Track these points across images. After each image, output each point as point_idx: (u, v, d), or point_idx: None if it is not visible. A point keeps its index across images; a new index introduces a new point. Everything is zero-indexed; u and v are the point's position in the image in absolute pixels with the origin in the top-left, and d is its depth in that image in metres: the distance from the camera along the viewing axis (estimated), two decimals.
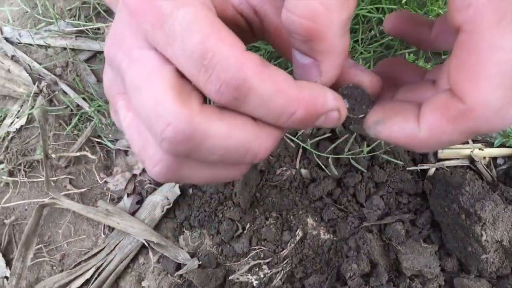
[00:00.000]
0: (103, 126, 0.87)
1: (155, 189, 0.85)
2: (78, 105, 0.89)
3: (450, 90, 0.28)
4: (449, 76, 0.28)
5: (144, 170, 0.88)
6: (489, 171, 0.77)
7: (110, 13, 0.94)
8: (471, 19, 0.25)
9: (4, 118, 0.90)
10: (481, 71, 0.25)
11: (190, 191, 0.85)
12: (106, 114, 0.88)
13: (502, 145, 0.78)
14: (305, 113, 0.28)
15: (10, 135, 0.89)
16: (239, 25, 0.34)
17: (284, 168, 0.84)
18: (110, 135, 0.88)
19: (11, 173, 0.87)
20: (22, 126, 0.89)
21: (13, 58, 0.92)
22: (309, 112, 0.28)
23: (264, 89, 0.27)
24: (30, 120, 0.90)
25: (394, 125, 0.31)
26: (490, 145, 0.79)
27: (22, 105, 0.90)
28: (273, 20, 0.33)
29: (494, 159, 0.79)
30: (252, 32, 0.35)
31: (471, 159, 0.78)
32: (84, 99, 0.89)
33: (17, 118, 0.88)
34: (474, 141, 0.80)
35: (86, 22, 0.93)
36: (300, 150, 0.84)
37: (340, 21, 0.28)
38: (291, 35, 0.29)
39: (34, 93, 0.88)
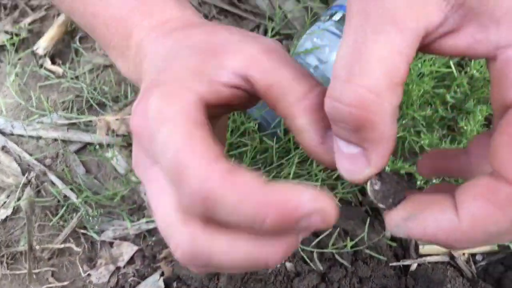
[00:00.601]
0: (90, 218, 0.88)
1: (139, 282, 0.85)
2: (65, 196, 0.90)
3: (492, 174, 0.26)
4: (493, 158, 0.26)
5: (128, 262, 0.87)
6: (469, 267, 0.79)
7: (102, 106, 0.98)
8: None
9: None
10: None
11: (175, 284, 0.84)
12: (93, 205, 0.89)
13: None
14: (276, 219, 0.25)
15: None
16: (239, 96, 0.34)
17: None
18: (96, 226, 0.88)
19: None
20: (7, 216, 0.89)
21: (3, 148, 0.94)
22: (281, 217, 0.26)
23: (229, 199, 0.26)
24: (16, 211, 0.90)
25: (428, 219, 0.27)
26: None
27: (9, 196, 0.90)
28: (260, 82, 0.33)
29: (473, 255, 0.81)
30: (254, 95, 0.35)
31: (451, 255, 0.80)
32: (72, 189, 0.90)
33: (4, 208, 0.88)
34: None
35: (79, 114, 0.96)
36: None
37: (392, 107, 0.27)
38: (336, 124, 0.28)
39: (23, 183, 0.89)
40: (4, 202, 0.90)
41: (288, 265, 0.83)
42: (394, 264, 0.80)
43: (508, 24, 0.24)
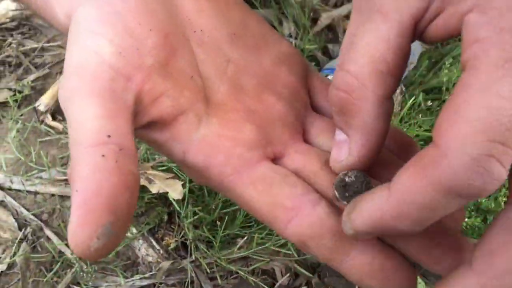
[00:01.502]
0: (84, 273, 0.89)
1: None
2: (60, 251, 0.92)
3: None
4: (434, 127, 0.24)
5: None
6: None
7: None
8: (474, 56, 0.22)
9: None
10: (465, 112, 0.21)
11: None
12: (87, 260, 0.90)
13: None
14: None
15: None
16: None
17: None
18: (90, 282, 0.89)
19: None
20: (2, 271, 0.90)
21: (1, 203, 0.95)
22: None
23: None
24: (11, 266, 0.91)
25: (364, 202, 0.26)
26: None
27: (5, 250, 0.91)
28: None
29: None
30: None
31: None
32: (67, 245, 0.91)
33: None
34: None
35: None
36: None
37: (376, 97, 0.27)
38: (331, 108, 0.30)
39: (19, 239, 0.91)
40: (0, 258, 0.91)
41: None
42: None
43: None
